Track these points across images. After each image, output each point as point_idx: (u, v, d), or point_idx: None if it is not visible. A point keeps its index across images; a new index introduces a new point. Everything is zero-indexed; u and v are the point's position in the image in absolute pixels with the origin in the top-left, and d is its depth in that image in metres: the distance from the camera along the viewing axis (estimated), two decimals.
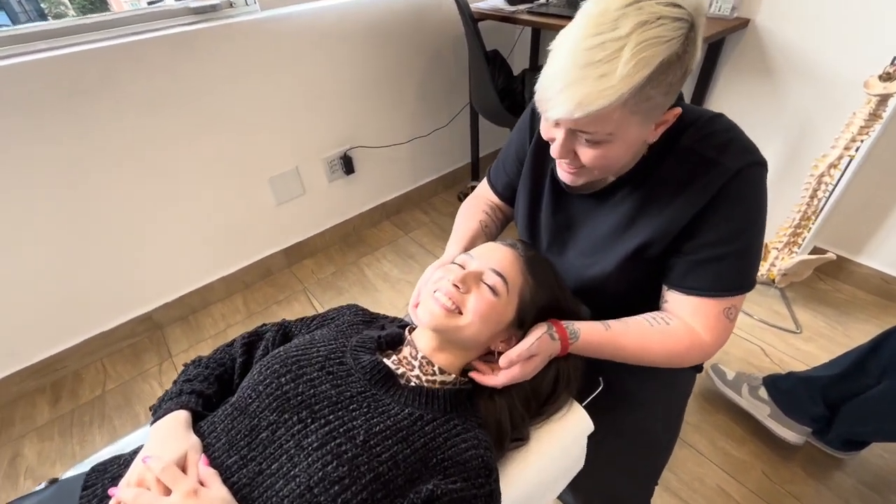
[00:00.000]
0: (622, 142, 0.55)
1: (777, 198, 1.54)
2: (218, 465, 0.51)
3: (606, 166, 0.59)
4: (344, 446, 0.49)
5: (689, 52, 0.49)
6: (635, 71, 0.46)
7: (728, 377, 1.23)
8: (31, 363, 1.37)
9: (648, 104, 0.51)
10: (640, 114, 0.52)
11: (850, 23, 1.22)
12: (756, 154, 0.60)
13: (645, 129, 0.56)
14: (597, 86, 0.47)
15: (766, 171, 0.62)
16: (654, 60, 0.47)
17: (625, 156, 0.59)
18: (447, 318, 0.58)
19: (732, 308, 0.63)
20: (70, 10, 1.27)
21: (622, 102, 0.48)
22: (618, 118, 0.51)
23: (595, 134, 0.53)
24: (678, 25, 0.47)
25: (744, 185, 0.59)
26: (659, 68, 0.47)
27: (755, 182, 0.60)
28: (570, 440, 0.69)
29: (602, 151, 0.55)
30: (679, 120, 0.61)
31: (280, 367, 0.57)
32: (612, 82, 0.47)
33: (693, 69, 0.53)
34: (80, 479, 0.53)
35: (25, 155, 1.15)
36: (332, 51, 1.55)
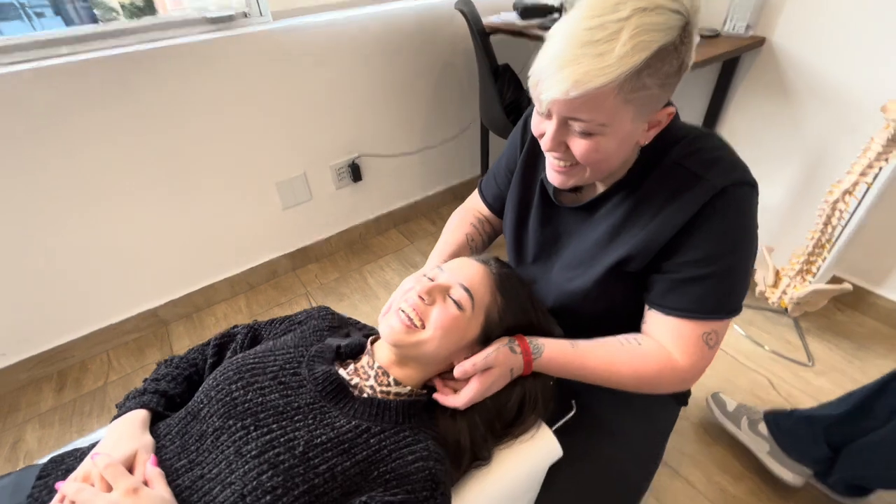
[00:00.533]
0: (615, 136, 0.54)
1: (792, 223, 1.49)
2: (167, 466, 0.52)
3: (598, 162, 0.57)
4: (282, 456, 0.49)
5: (685, 44, 0.49)
6: (633, 52, 0.46)
7: (728, 408, 1.18)
8: (41, 350, 1.43)
9: (643, 94, 0.50)
10: (634, 104, 0.51)
11: (869, 44, 1.17)
12: (745, 174, 0.58)
13: (638, 125, 0.55)
14: (595, 63, 0.47)
15: (756, 193, 0.60)
16: (652, 45, 0.46)
17: (616, 153, 0.57)
18: (407, 333, 0.58)
19: (713, 333, 0.60)
20: (121, 16, 1.35)
21: (618, 85, 0.48)
22: (612, 106, 0.50)
23: (588, 123, 0.52)
24: (675, 17, 0.47)
25: (729, 204, 0.56)
26: (656, 54, 0.47)
27: (742, 202, 0.57)
28: (534, 464, 0.67)
29: (594, 144, 0.54)
30: (669, 135, 0.60)
31: (234, 374, 0.57)
32: (609, 61, 0.47)
33: (688, 66, 0.52)
34: (38, 469, 0.55)
35: (46, 153, 1.21)
36: (342, 60, 1.58)
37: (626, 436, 0.74)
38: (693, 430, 1.24)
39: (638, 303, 0.66)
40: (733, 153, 0.60)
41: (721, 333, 0.61)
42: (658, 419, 0.78)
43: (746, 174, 0.58)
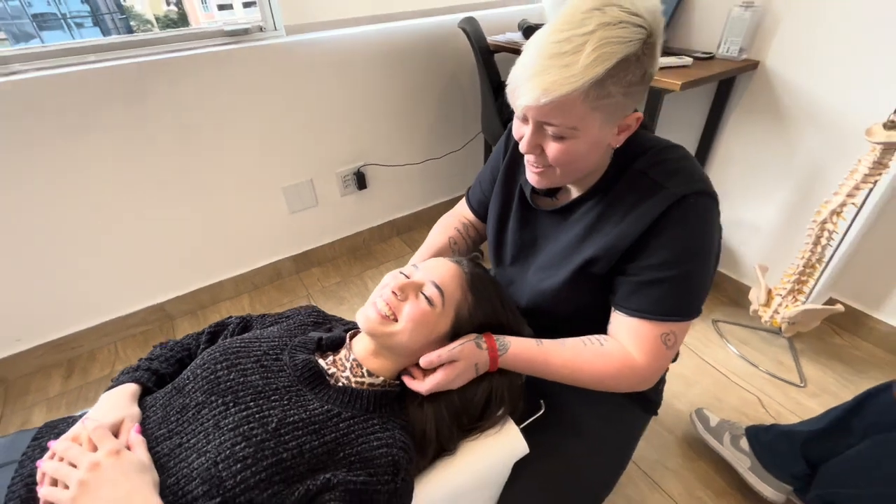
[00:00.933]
0: (585, 139, 0.58)
1: (786, 244, 1.50)
2: (149, 434, 0.56)
3: (570, 163, 0.61)
4: (255, 430, 0.53)
5: (647, 55, 0.53)
6: (596, 63, 0.51)
7: (711, 423, 1.18)
8: (53, 338, 1.50)
9: (609, 101, 0.54)
10: (601, 110, 0.55)
11: (859, 69, 1.19)
12: (704, 184, 0.62)
13: (607, 130, 0.59)
14: (561, 74, 0.52)
15: (716, 203, 0.63)
16: (613, 57, 0.51)
17: (588, 155, 0.61)
18: (381, 323, 0.62)
19: (671, 334, 0.63)
20: (155, 27, 1.44)
21: (583, 92, 0.52)
22: (580, 112, 0.54)
23: (559, 127, 0.57)
24: (637, 31, 0.52)
25: (687, 212, 0.60)
26: (618, 65, 0.51)
27: (700, 210, 0.61)
28: (499, 459, 0.70)
29: (566, 146, 0.58)
30: (637, 146, 0.65)
31: (220, 355, 0.62)
32: (574, 71, 0.51)
33: (653, 75, 0.57)
34: (33, 433, 0.60)
35: (71, 150, 1.30)
36: (351, 73, 1.66)
37: (591, 437, 0.76)
38: (677, 444, 1.25)
39: (606, 305, 0.69)
40: (695, 165, 0.63)
41: (679, 335, 0.64)
42: (624, 423, 0.80)
43: (706, 185, 0.61)
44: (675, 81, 1.19)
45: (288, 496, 0.49)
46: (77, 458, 0.50)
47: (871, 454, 0.85)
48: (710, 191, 0.62)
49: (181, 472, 0.51)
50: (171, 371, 0.70)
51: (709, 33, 1.44)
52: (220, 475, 0.49)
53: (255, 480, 0.49)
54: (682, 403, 1.36)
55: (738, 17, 1.31)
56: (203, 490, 0.49)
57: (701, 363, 1.48)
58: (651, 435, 1.27)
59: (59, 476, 0.49)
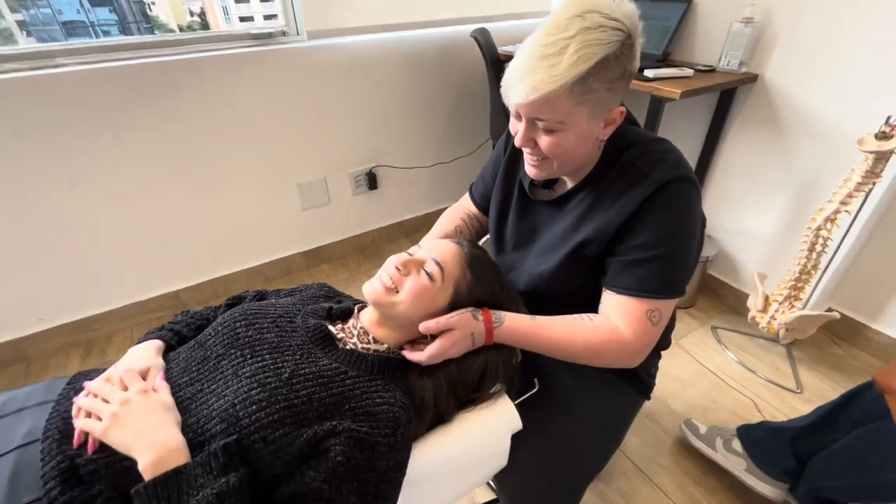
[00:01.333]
0: (574, 132, 0.64)
1: (784, 252, 1.53)
2: (172, 382, 0.61)
3: (562, 155, 0.67)
4: (270, 378, 0.58)
5: (626, 55, 0.60)
6: (578, 63, 0.57)
7: (700, 431, 1.20)
8: (75, 319, 1.58)
9: (593, 96, 0.60)
10: (585, 105, 0.61)
11: (853, 82, 1.24)
12: (685, 171, 0.67)
13: (594, 123, 0.65)
14: (547, 73, 0.58)
15: (696, 190, 0.68)
16: (594, 57, 0.57)
17: (578, 148, 0.67)
18: (385, 294, 0.67)
19: (656, 311, 0.67)
20: (176, 32, 1.55)
21: (568, 89, 0.58)
22: (566, 107, 0.60)
23: (549, 121, 0.63)
24: (616, 33, 0.58)
25: (669, 196, 0.65)
26: (599, 63, 0.58)
27: (681, 195, 0.66)
28: (492, 432, 0.73)
29: (556, 139, 0.64)
30: (627, 140, 0.71)
31: (239, 315, 0.68)
32: (558, 71, 0.57)
33: (634, 72, 0.63)
34: (67, 379, 0.66)
35: (100, 140, 1.39)
36: (367, 78, 1.74)
37: (585, 415, 0.80)
38: (672, 442, 1.27)
39: (598, 288, 0.74)
40: (679, 155, 0.69)
41: (664, 313, 0.68)
42: (617, 403, 0.84)
43: (687, 171, 0.67)
44: (676, 90, 1.25)
45: (297, 437, 0.54)
46: (110, 394, 0.55)
47: (856, 446, 0.87)
48: (691, 177, 0.67)
49: (201, 413, 0.57)
50: (192, 335, 0.75)
51: (710, 47, 1.51)
52: (238, 415, 0.54)
53: (269, 421, 0.54)
54: (677, 404, 1.38)
55: (739, 32, 1.37)
56: (221, 428, 0.54)
57: (698, 367, 1.51)
58: (646, 433, 1.29)
59: (94, 410, 0.54)
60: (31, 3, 20.37)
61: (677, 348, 1.58)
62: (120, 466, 0.52)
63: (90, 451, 0.53)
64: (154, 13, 12.28)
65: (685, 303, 1.76)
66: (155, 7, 17.46)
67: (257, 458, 0.53)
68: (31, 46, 1.24)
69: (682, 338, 1.62)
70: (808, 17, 1.28)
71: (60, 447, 0.54)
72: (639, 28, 0.60)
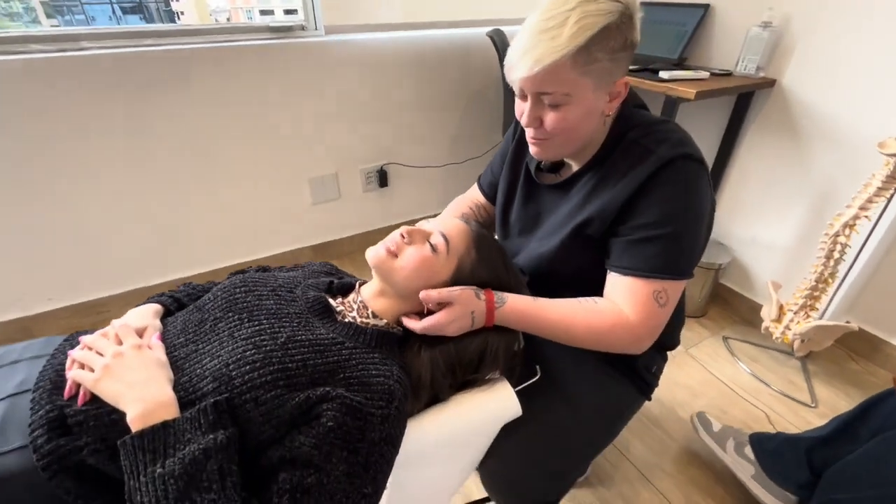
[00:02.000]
0: (579, 105, 0.63)
1: (800, 261, 1.49)
2: (168, 342, 0.61)
3: (568, 130, 0.65)
4: (266, 341, 0.57)
5: (626, 24, 0.60)
6: (579, 33, 0.57)
7: (714, 428, 1.16)
8: (83, 301, 1.59)
9: (597, 66, 0.60)
10: (590, 76, 0.61)
11: (872, 87, 1.22)
12: (691, 148, 0.65)
13: (600, 96, 0.64)
14: (549, 45, 0.58)
15: (704, 168, 0.66)
16: (595, 27, 0.57)
17: (584, 123, 0.66)
18: (387, 258, 0.67)
19: (663, 292, 0.65)
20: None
21: (571, 58, 0.58)
22: (571, 77, 0.60)
23: (554, 94, 0.62)
24: (614, 5, 0.59)
25: (675, 173, 0.64)
26: (600, 33, 0.58)
27: (687, 172, 0.64)
28: (491, 415, 0.71)
29: (563, 114, 0.63)
30: (632, 121, 0.70)
31: (239, 282, 0.67)
32: (560, 41, 0.58)
33: (636, 42, 0.63)
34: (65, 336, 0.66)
35: (115, 125, 1.41)
36: (382, 75, 1.76)
37: (578, 403, 0.78)
38: (678, 450, 1.22)
39: (603, 272, 0.72)
40: (685, 134, 0.67)
41: (672, 294, 0.66)
42: (613, 397, 0.81)
43: (694, 150, 0.65)
44: (690, 90, 1.23)
45: (289, 400, 0.53)
46: (104, 348, 0.55)
47: (873, 455, 0.83)
48: (698, 156, 0.65)
49: (195, 372, 0.56)
50: (190, 303, 0.75)
51: (727, 51, 1.49)
52: (230, 374, 0.53)
53: (261, 381, 0.53)
54: (685, 412, 1.34)
55: (757, 37, 1.36)
56: (213, 387, 0.53)
57: (708, 376, 1.46)
58: (651, 439, 1.25)
59: (87, 361, 0.54)
60: (66, 9, 20.77)
61: (687, 357, 1.54)
62: (108, 419, 0.51)
63: (80, 402, 0.52)
64: (177, 7, 12.72)
65: (696, 312, 1.72)
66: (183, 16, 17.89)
67: (247, 420, 0.52)
68: (56, 29, 1.28)
69: (693, 346, 1.58)
70: (826, 22, 1.27)
71: (51, 397, 0.53)
72: (636, 2, 0.61)
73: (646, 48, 1.62)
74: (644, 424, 1.29)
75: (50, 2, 21.34)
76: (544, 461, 0.74)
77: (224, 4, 18.50)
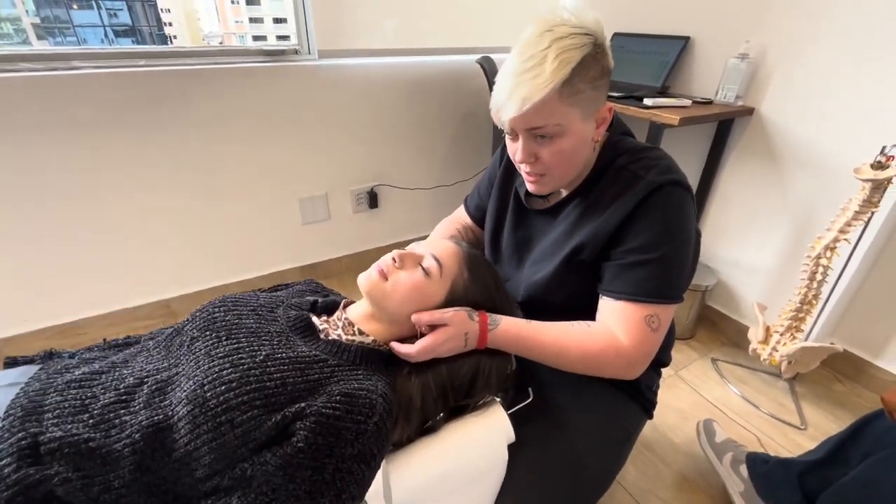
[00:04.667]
0: (572, 135, 0.65)
1: (783, 284, 1.52)
2: (151, 368, 0.59)
3: (564, 162, 0.67)
4: (244, 360, 0.55)
5: (600, 53, 0.63)
6: (560, 68, 0.59)
7: (717, 438, 1.16)
8: (61, 322, 1.54)
9: (581, 96, 0.62)
10: (577, 106, 0.62)
11: (848, 115, 1.27)
12: (678, 176, 0.67)
13: (588, 124, 0.66)
14: (534, 83, 0.60)
15: (690, 195, 0.68)
16: (573, 59, 0.60)
17: (578, 152, 0.67)
18: (379, 281, 0.66)
19: (655, 317, 0.66)
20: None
21: (557, 92, 0.60)
22: (560, 110, 0.62)
23: (546, 127, 0.63)
24: (585, 38, 0.61)
25: (664, 199, 0.65)
26: (579, 65, 0.60)
27: (676, 198, 0.66)
28: (486, 443, 0.69)
29: (558, 146, 0.65)
30: (619, 148, 0.72)
31: (219, 302, 0.66)
32: (544, 78, 0.59)
33: (611, 69, 0.65)
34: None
35: (100, 142, 1.40)
36: (374, 99, 1.79)
37: (585, 430, 0.76)
38: (671, 476, 1.21)
39: (595, 297, 0.72)
40: (672, 162, 0.69)
41: (663, 319, 0.66)
42: (621, 419, 0.80)
43: (681, 177, 0.67)
44: (674, 117, 1.27)
45: (265, 421, 0.51)
46: None
47: (866, 477, 0.83)
48: (684, 183, 0.67)
49: (175, 396, 0.54)
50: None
51: (707, 81, 1.55)
52: (205, 395, 0.51)
53: (237, 402, 0.51)
54: (677, 437, 1.32)
55: (734, 67, 1.42)
56: (187, 410, 0.51)
57: (698, 398, 1.46)
58: (645, 464, 1.23)
59: None
60: (57, 31, 21.05)
61: (677, 378, 1.53)
62: (85, 447, 0.49)
63: None
64: (170, 31, 12.84)
65: (684, 333, 1.72)
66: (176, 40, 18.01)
67: (220, 445, 0.50)
68: (48, 48, 1.28)
69: (682, 368, 1.58)
70: (800, 54, 1.33)
71: (23, 424, 0.51)
72: (603, 30, 0.63)
73: (631, 76, 1.68)
74: (637, 449, 1.27)
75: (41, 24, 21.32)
76: (557, 492, 0.71)
77: (217, 29, 18.79)
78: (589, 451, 0.76)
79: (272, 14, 57.37)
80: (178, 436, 0.51)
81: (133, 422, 0.52)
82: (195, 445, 0.50)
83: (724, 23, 1.48)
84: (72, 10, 60.85)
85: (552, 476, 0.74)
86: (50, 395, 0.54)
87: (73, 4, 60.85)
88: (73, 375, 0.57)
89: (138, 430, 0.51)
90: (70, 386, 0.55)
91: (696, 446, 1.28)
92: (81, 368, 0.58)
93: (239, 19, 55.75)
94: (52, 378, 0.56)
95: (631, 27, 1.72)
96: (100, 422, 0.52)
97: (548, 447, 0.74)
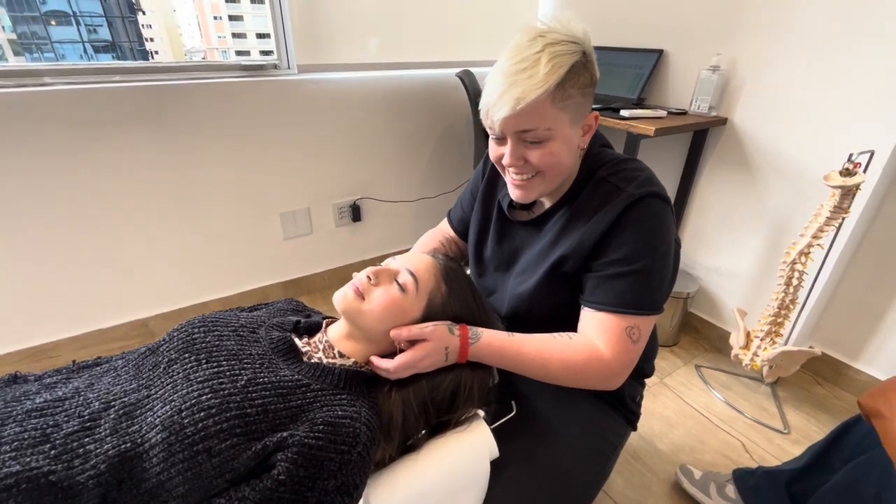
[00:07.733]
0: (561, 139, 0.65)
1: (761, 289, 1.54)
2: (119, 389, 0.57)
3: (554, 165, 0.67)
4: (224, 385, 0.54)
5: (589, 62, 0.64)
6: (554, 70, 0.60)
7: (695, 476, 1.15)
8: (30, 346, 1.48)
9: (571, 101, 0.63)
10: (567, 111, 0.63)
11: (815, 124, 1.31)
12: (658, 188, 0.68)
13: (575, 130, 0.67)
14: (528, 83, 0.60)
15: (669, 207, 0.69)
16: (565, 64, 0.61)
17: (566, 157, 0.67)
18: (355, 300, 0.65)
19: (635, 328, 0.66)
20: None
21: (550, 94, 0.60)
22: (551, 113, 0.62)
23: (536, 131, 0.63)
24: (575, 46, 0.62)
25: (644, 211, 0.65)
26: (571, 70, 0.61)
27: (655, 210, 0.66)
28: (468, 459, 0.68)
29: (548, 149, 0.65)
30: (600, 160, 0.72)
31: (199, 322, 0.64)
32: (538, 79, 0.60)
33: (597, 80, 0.66)
34: None
35: (79, 161, 1.37)
36: (354, 112, 1.79)
37: (572, 443, 0.76)
38: (658, 484, 1.20)
39: (576, 309, 0.72)
40: (651, 174, 0.70)
41: (644, 330, 0.66)
42: (605, 431, 0.79)
43: (660, 189, 0.67)
44: (650, 127, 1.30)
45: (245, 450, 0.49)
46: None
47: (848, 482, 0.83)
48: (663, 195, 0.68)
49: (145, 420, 0.52)
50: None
51: (681, 92, 1.59)
52: (182, 422, 0.50)
53: (216, 430, 0.49)
54: (663, 444, 1.32)
55: (707, 79, 1.46)
56: (162, 437, 0.49)
57: (683, 405, 1.47)
58: (631, 473, 1.23)
59: None
60: (34, 47, 20.84)
61: (662, 386, 1.54)
62: (44, 481, 0.47)
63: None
64: (151, 47, 12.73)
65: (668, 341, 1.74)
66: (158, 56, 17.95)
67: (196, 476, 0.48)
68: (17, 65, 1.25)
69: (667, 376, 1.59)
70: (769, 66, 1.37)
71: None
72: (590, 42, 0.65)
73: (607, 88, 1.71)
74: (624, 458, 1.27)
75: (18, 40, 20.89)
76: (548, 501, 0.70)
77: (199, 45, 18.74)
78: (573, 465, 0.75)
79: (255, 29, 57.48)
80: (150, 465, 0.49)
81: (98, 451, 0.50)
82: (168, 475, 0.48)
83: (696, 36, 1.52)
84: (50, 27, 60.14)
85: (537, 490, 0.73)
86: (8, 426, 0.51)
87: (52, 20, 60.18)
88: (34, 403, 0.54)
89: (104, 459, 0.49)
90: (30, 415, 0.52)
91: (682, 454, 1.29)
92: (43, 395, 0.56)
93: (222, 34, 55.74)
94: (9, 407, 0.53)
95: (607, 41, 1.76)
96: (62, 452, 0.49)
97: (532, 461, 0.73)
